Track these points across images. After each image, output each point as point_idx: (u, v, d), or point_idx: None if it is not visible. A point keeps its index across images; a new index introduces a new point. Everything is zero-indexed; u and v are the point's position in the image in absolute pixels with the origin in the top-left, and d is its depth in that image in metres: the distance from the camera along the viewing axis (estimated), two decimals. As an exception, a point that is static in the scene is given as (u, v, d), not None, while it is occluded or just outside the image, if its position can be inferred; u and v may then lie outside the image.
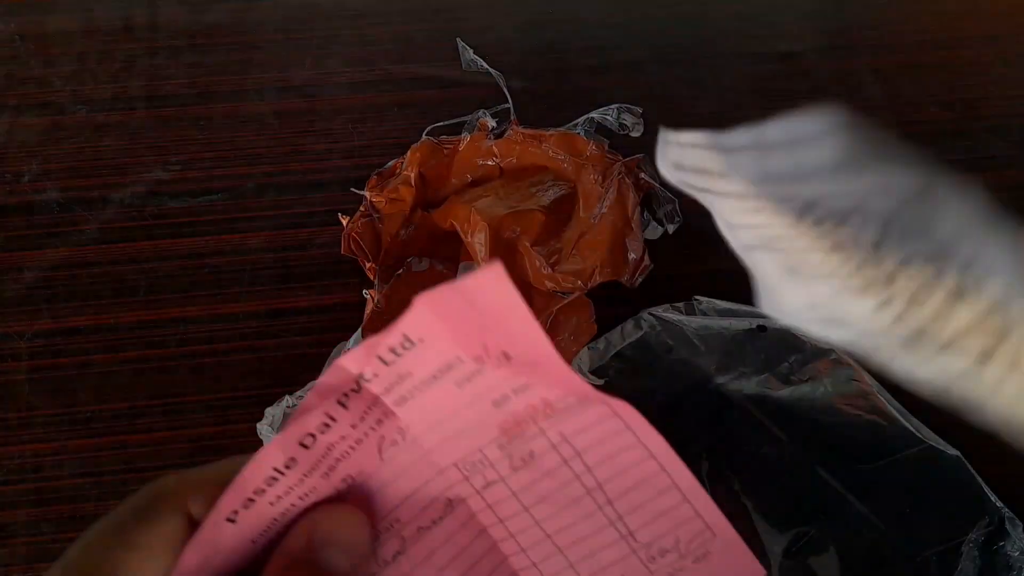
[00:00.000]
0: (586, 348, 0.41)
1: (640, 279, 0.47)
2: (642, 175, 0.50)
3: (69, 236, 0.51)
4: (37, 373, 0.45)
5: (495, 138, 0.52)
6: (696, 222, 0.51)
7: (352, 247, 0.48)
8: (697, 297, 0.42)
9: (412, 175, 0.50)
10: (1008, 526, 0.34)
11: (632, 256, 0.47)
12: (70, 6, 0.65)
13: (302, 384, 0.41)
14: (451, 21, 0.63)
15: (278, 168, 0.54)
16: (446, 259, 0.48)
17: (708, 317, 0.40)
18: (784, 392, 0.37)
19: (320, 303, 0.47)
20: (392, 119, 0.56)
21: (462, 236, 0.47)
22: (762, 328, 0.39)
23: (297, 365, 0.45)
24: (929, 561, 0.33)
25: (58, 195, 0.52)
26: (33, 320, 0.47)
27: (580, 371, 0.40)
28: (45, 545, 0.39)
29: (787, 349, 0.38)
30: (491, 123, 0.52)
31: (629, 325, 0.42)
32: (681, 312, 0.41)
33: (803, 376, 0.37)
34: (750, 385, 0.37)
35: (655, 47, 0.61)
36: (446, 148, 0.51)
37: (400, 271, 0.46)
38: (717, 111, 0.57)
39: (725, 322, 0.40)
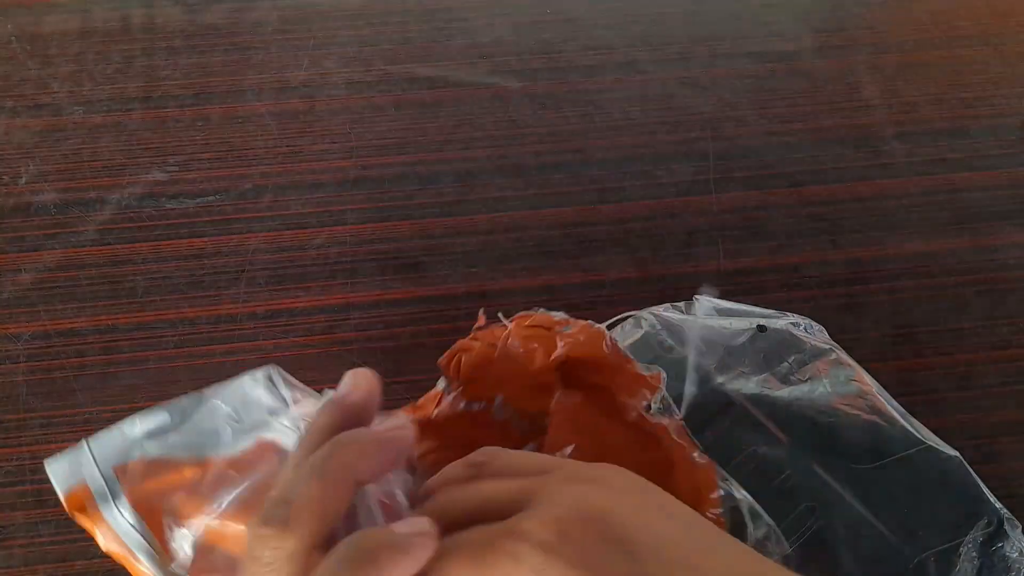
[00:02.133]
0: None
1: None
2: None
3: (67, 237, 0.50)
4: (35, 375, 0.45)
5: None
6: (693, 223, 0.51)
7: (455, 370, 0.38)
8: (698, 296, 0.42)
9: (558, 351, 0.38)
10: (1007, 527, 0.34)
11: None
12: (67, 7, 0.64)
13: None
14: (449, 21, 0.63)
15: (276, 169, 0.54)
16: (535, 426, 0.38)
17: (709, 316, 0.40)
18: (783, 392, 0.37)
19: (317, 303, 0.47)
20: (390, 119, 0.56)
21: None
22: (762, 328, 0.39)
23: (295, 365, 0.45)
24: (928, 562, 0.33)
25: (55, 196, 0.52)
26: (31, 322, 0.47)
27: None
28: (43, 547, 0.39)
29: (787, 349, 0.38)
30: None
31: (629, 324, 0.42)
32: (682, 311, 0.41)
33: (803, 376, 0.37)
34: (749, 385, 0.37)
35: (652, 47, 0.61)
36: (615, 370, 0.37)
37: (478, 404, 0.38)
38: (714, 111, 0.57)
39: (725, 321, 0.40)
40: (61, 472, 0.32)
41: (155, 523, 0.32)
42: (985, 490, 0.35)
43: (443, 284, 0.48)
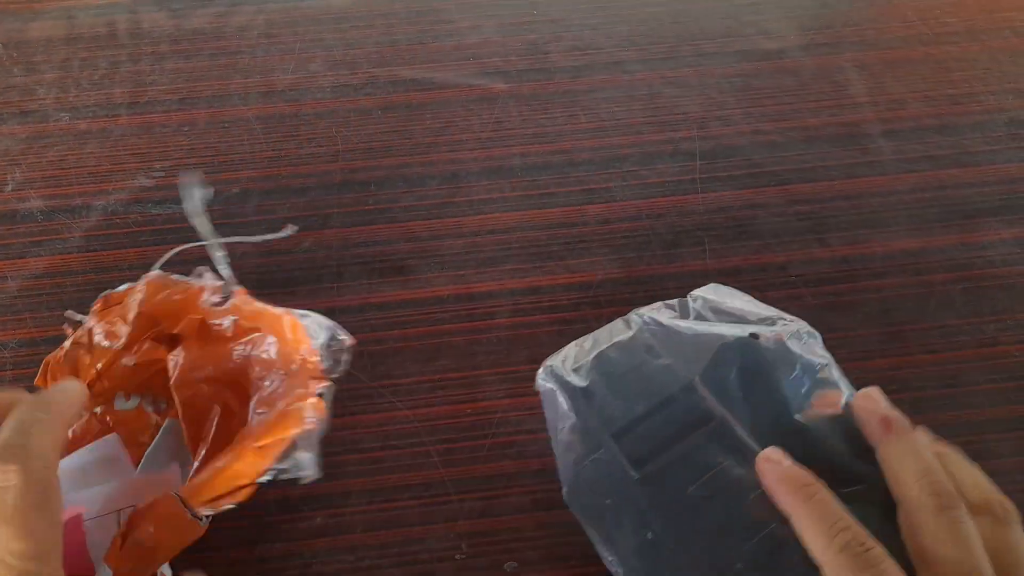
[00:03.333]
0: (572, 344, 0.40)
1: None
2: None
3: (53, 244, 0.50)
4: (21, 383, 0.45)
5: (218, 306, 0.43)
6: (680, 222, 0.51)
7: (48, 381, 0.42)
8: (693, 294, 0.40)
9: (132, 314, 0.42)
10: None
11: None
12: (53, 13, 0.64)
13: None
14: (435, 23, 0.63)
15: (262, 173, 0.54)
16: (161, 400, 0.42)
17: (699, 321, 0.38)
18: (767, 404, 0.36)
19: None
20: (376, 122, 0.56)
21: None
22: (755, 336, 0.37)
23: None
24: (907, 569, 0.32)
25: (41, 203, 0.52)
26: (17, 329, 0.47)
27: (563, 369, 0.38)
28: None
29: (776, 360, 0.37)
30: (211, 297, 0.42)
31: (619, 324, 0.40)
32: (674, 310, 0.39)
33: (789, 389, 0.36)
34: (731, 398, 0.36)
35: (638, 47, 0.61)
36: (177, 294, 0.43)
37: (99, 408, 0.41)
38: (701, 110, 0.57)
39: (717, 327, 0.38)
40: None
41: None
42: None
43: (429, 287, 0.48)
